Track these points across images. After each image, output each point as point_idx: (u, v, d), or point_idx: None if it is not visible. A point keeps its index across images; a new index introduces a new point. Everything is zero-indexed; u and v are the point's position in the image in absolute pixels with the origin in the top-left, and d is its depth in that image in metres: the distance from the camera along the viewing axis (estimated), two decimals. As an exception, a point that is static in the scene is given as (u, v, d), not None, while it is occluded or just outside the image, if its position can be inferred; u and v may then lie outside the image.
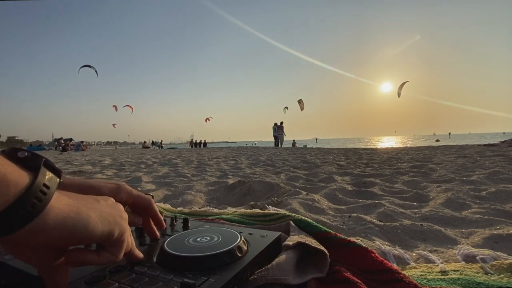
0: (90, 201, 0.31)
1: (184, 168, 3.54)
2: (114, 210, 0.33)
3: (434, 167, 2.79)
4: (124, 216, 0.34)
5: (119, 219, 0.33)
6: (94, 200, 0.32)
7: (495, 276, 0.50)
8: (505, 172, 2.13)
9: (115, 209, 0.34)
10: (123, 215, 0.34)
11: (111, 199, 0.35)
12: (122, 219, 0.34)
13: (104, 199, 0.34)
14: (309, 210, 1.28)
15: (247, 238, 0.49)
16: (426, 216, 1.14)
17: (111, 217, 0.32)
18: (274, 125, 13.68)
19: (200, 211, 0.97)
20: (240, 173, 2.81)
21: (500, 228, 0.92)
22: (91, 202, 0.31)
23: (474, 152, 4.33)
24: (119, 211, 0.34)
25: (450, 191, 1.51)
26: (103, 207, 0.32)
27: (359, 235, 0.92)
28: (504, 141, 6.18)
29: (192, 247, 0.43)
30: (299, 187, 1.88)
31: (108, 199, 0.35)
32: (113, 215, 0.32)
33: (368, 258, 0.51)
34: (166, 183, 2.25)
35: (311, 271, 0.48)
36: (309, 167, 3.23)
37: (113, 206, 0.34)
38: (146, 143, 25.07)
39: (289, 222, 0.64)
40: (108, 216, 0.31)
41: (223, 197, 1.75)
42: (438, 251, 0.76)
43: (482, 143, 6.87)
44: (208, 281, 0.35)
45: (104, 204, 0.33)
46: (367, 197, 1.59)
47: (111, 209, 0.33)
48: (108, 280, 0.36)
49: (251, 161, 4.34)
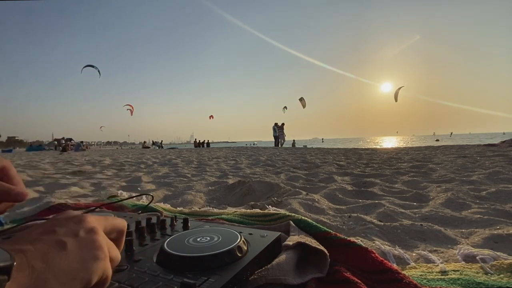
0: (52, 259, 0.24)
1: (184, 168, 3.54)
2: (85, 254, 0.27)
3: (434, 167, 2.79)
4: (100, 256, 0.28)
5: (93, 265, 0.27)
6: (58, 251, 0.25)
7: (495, 276, 0.50)
8: (505, 172, 2.13)
9: (87, 252, 0.27)
10: (99, 254, 0.28)
11: (85, 227, 0.29)
12: (97, 262, 0.27)
13: (75, 231, 0.28)
14: (309, 210, 1.28)
15: (247, 238, 0.49)
16: (426, 216, 1.14)
17: (82, 270, 0.26)
18: (274, 125, 13.69)
19: (200, 211, 0.97)
20: (240, 173, 2.81)
21: (500, 228, 0.92)
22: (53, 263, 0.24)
23: (474, 152, 4.33)
24: (93, 250, 0.27)
25: (450, 191, 1.51)
26: (69, 261, 0.25)
27: (359, 235, 0.92)
28: (504, 141, 6.18)
29: (192, 247, 0.43)
30: (299, 187, 1.88)
31: (81, 229, 0.28)
32: (83, 266, 0.26)
33: (368, 258, 0.51)
34: (166, 183, 2.25)
35: (311, 271, 0.48)
36: (309, 167, 3.23)
37: (85, 246, 0.27)
38: (146, 143, 25.07)
39: (289, 222, 0.64)
40: (77, 272, 0.25)
41: (223, 197, 1.74)
42: (438, 251, 0.76)
43: (482, 143, 6.87)
44: (208, 281, 0.35)
45: (73, 252, 0.26)
46: (367, 197, 1.59)
47: (81, 256, 0.26)
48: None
49: (251, 161, 4.34)
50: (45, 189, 2.04)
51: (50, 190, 1.98)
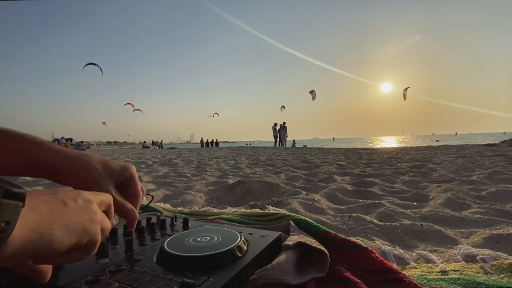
0: (56, 209, 0.28)
1: (184, 168, 3.54)
2: (83, 214, 0.30)
3: (434, 167, 2.79)
4: (95, 219, 0.31)
5: (88, 225, 0.30)
6: (61, 205, 0.29)
7: (495, 276, 0.50)
8: (505, 172, 2.13)
9: (85, 212, 0.31)
10: (94, 217, 0.31)
11: (82, 197, 0.32)
12: (93, 223, 0.31)
13: (74, 197, 0.31)
14: (309, 210, 1.28)
15: (247, 238, 0.49)
16: (426, 216, 1.14)
17: (79, 225, 0.29)
18: (274, 125, 13.65)
19: (200, 211, 0.97)
20: (240, 173, 2.81)
21: (500, 228, 0.92)
22: (57, 212, 0.28)
23: (474, 152, 4.33)
24: (89, 214, 0.31)
25: (450, 191, 1.51)
26: (70, 214, 0.29)
27: (359, 235, 0.92)
28: (504, 141, 6.18)
29: (192, 247, 0.43)
30: (299, 187, 1.88)
31: (79, 197, 0.32)
32: (81, 223, 0.29)
33: (368, 258, 0.51)
34: (166, 183, 2.25)
35: (311, 271, 0.48)
36: (309, 167, 3.23)
37: (83, 209, 0.31)
38: (146, 143, 25.06)
39: (289, 222, 0.64)
40: (76, 225, 0.29)
41: (223, 197, 1.74)
42: (438, 251, 0.76)
43: (482, 143, 6.87)
44: (208, 281, 0.35)
45: (73, 209, 0.30)
46: (367, 197, 1.59)
47: (79, 214, 0.30)
48: (108, 280, 0.36)
49: (251, 161, 4.34)
50: (45, 188, 2.04)
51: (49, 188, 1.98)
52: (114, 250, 0.46)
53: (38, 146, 0.39)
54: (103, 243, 0.44)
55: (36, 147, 0.39)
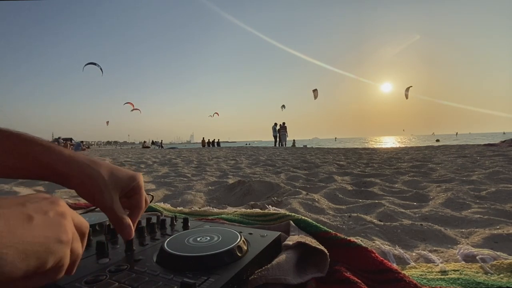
0: (15, 226, 0.24)
1: (184, 168, 3.54)
2: (49, 232, 0.26)
3: (434, 167, 2.79)
4: (64, 238, 0.27)
5: (54, 245, 0.26)
6: (23, 221, 0.25)
7: (495, 276, 0.50)
8: (505, 172, 2.13)
9: (52, 230, 0.26)
10: (63, 237, 0.27)
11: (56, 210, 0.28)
12: (59, 244, 0.26)
13: (45, 210, 0.27)
14: (309, 210, 1.28)
15: (247, 238, 0.49)
16: (426, 216, 1.14)
17: (42, 246, 0.25)
18: (274, 125, 13.64)
19: (200, 211, 0.97)
20: (240, 173, 2.81)
21: (500, 228, 0.92)
22: (15, 230, 0.24)
23: (474, 152, 4.33)
24: (57, 231, 0.27)
25: (450, 191, 1.51)
26: (32, 232, 0.25)
27: (359, 235, 0.92)
28: (504, 141, 6.18)
29: (192, 247, 0.43)
30: (299, 187, 1.88)
31: (52, 210, 0.28)
32: (44, 243, 0.25)
33: (368, 258, 0.51)
34: (166, 183, 2.25)
35: (311, 271, 0.48)
36: (309, 167, 3.23)
37: (51, 225, 0.27)
38: (146, 143, 25.06)
39: (289, 222, 0.64)
40: (37, 246, 0.24)
41: (223, 197, 1.74)
42: (438, 251, 0.76)
43: (482, 143, 6.87)
44: (208, 280, 0.35)
45: (38, 226, 0.25)
46: (367, 197, 1.59)
47: (44, 232, 0.26)
48: (108, 280, 0.36)
49: (251, 161, 4.34)
50: (45, 188, 2.04)
51: (50, 189, 1.98)
52: (114, 250, 0.46)
53: (48, 151, 0.39)
54: (103, 243, 0.44)
55: (46, 152, 0.38)
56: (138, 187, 0.44)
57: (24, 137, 0.39)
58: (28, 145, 0.38)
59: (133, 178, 0.44)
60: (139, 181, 0.44)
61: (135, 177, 0.44)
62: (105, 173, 0.40)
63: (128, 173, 0.44)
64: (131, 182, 0.43)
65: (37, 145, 0.39)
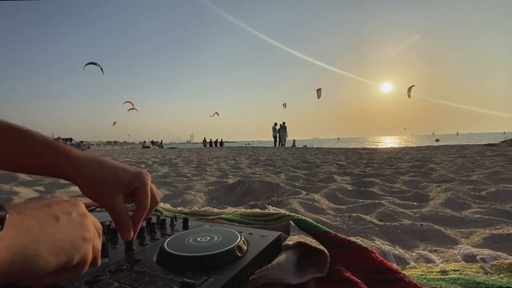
0: (46, 226, 0.26)
1: (184, 168, 3.54)
2: (74, 231, 0.29)
3: (434, 167, 2.79)
4: (87, 236, 0.30)
5: (79, 243, 0.29)
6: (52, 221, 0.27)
7: (495, 276, 0.50)
8: (505, 172, 2.13)
9: (77, 229, 0.29)
10: (86, 235, 0.30)
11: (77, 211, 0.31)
12: (84, 242, 0.29)
13: (69, 211, 0.30)
14: (309, 210, 1.28)
15: (247, 238, 0.49)
16: (426, 216, 1.14)
17: (69, 244, 0.28)
18: (274, 125, 13.64)
19: (200, 211, 0.97)
20: (240, 173, 2.81)
21: (500, 228, 0.92)
22: (46, 229, 0.26)
23: (474, 152, 4.33)
24: (81, 230, 0.30)
25: (450, 191, 1.51)
26: (61, 231, 0.27)
27: (359, 235, 0.92)
28: (504, 141, 6.18)
29: (192, 247, 0.43)
30: (299, 187, 1.88)
31: (74, 211, 0.31)
32: (71, 241, 0.28)
33: (368, 258, 0.51)
34: (166, 183, 2.25)
35: (311, 271, 0.48)
36: (309, 167, 3.23)
37: (76, 225, 0.29)
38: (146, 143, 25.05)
39: (289, 222, 0.64)
40: (65, 244, 0.27)
41: (223, 197, 1.74)
42: (438, 251, 0.76)
43: (482, 143, 6.87)
44: (208, 280, 0.35)
45: (64, 225, 0.28)
46: (367, 197, 1.59)
47: (71, 231, 0.28)
48: (108, 280, 0.36)
49: (251, 161, 4.34)
50: (45, 188, 2.04)
51: (50, 189, 1.98)
52: (114, 250, 0.46)
53: (55, 151, 0.40)
54: (103, 243, 0.44)
55: (53, 152, 0.40)
56: (141, 186, 0.44)
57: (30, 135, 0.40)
58: (36, 145, 0.40)
59: (136, 177, 0.43)
60: (144, 180, 0.44)
61: (138, 176, 0.44)
62: (107, 173, 0.41)
63: (132, 172, 0.44)
64: (133, 182, 0.43)
65: (45, 146, 0.40)
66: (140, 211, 0.44)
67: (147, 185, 0.44)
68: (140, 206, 0.44)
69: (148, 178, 0.45)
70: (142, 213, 0.44)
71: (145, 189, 0.44)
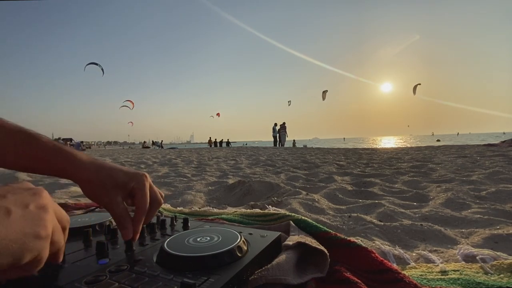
0: None
1: (184, 168, 3.54)
2: (27, 228, 0.25)
3: (434, 167, 2.79)
4: (42, 234, 0.26)
5: (31, 241, 0.25)
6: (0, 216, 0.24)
7: (495, 276, 0.50)
8: (505, 172, 2.13)
9: (30, 225, 0.26)
10: (41, 232, 0.26)
11: (37, 202, 0.28)
12: (37, 240, 0.26)
13: (26, 203, 0.27)
14: (309, 210, 1.28)
15: (247, 238, 0.49)
16: (426, 216, 1.14)
17: (16, 243, 0.24)
18: (274, 125, 13.64)
19: (200, 211, 0.97)
20: (240, 173, 2.81)
21: (500, 228, 0.92)
22: None
23: (474, 152, 4.33)
24: (35, 226, 0.26)
25: (450, 191, 1.51)
26: (7, 229, 0.24)
27: (359, 235, 0.92)
28: (504, 141, 6.18)
29: (192, 247, 0.43)
30: (299, 187, 1.88)
31: (33, 202, 0.27)
32: (20, 239, 0.24)
33: (368, 258, 0.51)
34: (166, 183, 2.25)
35: (311, 271, 0.48)
36: (309, 167, 3.23)
37: (30, 220, 0.26)
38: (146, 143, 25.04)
39: (289, 222, 0.64)
40: (12, 243, 0.24)
41: (223, 197, 1.75)
42: (438, 251, 0.76)
43: (482, 143, 6.87)
44: (208, 281, 0.35)
45: (15, 221, 0.25)
46: (367, 197, 1.59)
47: (22, 227, 0.25)
48: (108, 280, 0.36)
49: (251, 161, 4.34)
50: (45, 188, 2.04)
51: (50, 190, 1.98)
52: (114, 250, 0.46)
53: (61, 155, 0.42)
54: (103, 243, 0.44)
55: (59, 156, 0.42)
56: (138, 187, 0.44)
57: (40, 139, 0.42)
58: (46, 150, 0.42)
59: (132, 178, 0.44)
60: (140, 181, 0.44)
61: (134, 177, 0.44)
62: (105, 175, 0.42)
63: (128, 173, 0.44)
64: (130, 182, 0.44)
65: (53, 150, 0.42)
66: (139, 211, 0.44)
67: (145, 185, 0.45)
68: (138, 207, 0.44)
69: (146, 179, 0.45)
70: (141, 213, 0.44)
71: (142, 190, 0.44)
